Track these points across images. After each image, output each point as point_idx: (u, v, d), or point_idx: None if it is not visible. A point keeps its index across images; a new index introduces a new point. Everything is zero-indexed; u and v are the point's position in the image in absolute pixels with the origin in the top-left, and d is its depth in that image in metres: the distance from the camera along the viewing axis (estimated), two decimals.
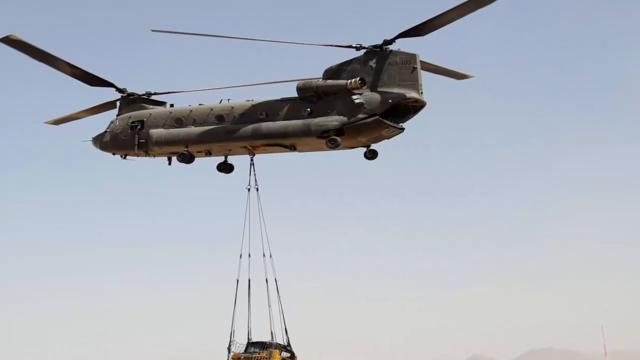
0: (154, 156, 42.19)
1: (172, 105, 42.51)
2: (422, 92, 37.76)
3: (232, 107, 40.35)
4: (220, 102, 41.03)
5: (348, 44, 38.48)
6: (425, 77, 38.20)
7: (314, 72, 39.18)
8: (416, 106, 38.22)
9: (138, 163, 42.75)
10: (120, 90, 42.83)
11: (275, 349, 40.57)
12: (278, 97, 39.96)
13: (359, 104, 37.93)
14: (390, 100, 37.72)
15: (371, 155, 39.59)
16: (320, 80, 38.83)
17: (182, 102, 42.29)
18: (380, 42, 38.21)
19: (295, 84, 39.10)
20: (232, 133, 39.73)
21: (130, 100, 42.65)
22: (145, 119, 41.71)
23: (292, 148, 39.77)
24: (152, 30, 39.40)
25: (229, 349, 40.91)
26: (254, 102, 40.31)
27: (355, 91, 38.17)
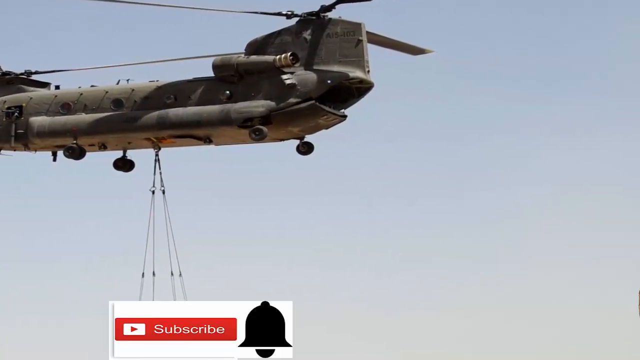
0: (36, 150, 38.85)
1: (57, 87, 39.14)
2: (368, 71, 34.86)
3: (133, 90, 37.21)
4: (117, 83, 37.85)
5: (277, 11, 35.29)
6: (373, 51, 35.27)
7: (234, 45, 36.73)
8: (361, 88, 35.28)
9: (15, 159, 40.01)
10: None
11: None
12: (189, 77, 36.95)
13: (290, 85, 34.83)
14: (329, 81, 34.74)
15: (305, 149, 36.68)
16: (242, 55, 35.76)
17: (70, 84, 39.22)
18: (316, 8, 34.93)
19: (211, 60, 36.13)
20: (133, 122, 36.59)
21: (5, 81, 39.28)
22: (24, 104, 38.36)
23: (207, 140, 36.72)
24: None
25: None
26: (159, 83, 37.10)
27: (286, 69, 35.05)
